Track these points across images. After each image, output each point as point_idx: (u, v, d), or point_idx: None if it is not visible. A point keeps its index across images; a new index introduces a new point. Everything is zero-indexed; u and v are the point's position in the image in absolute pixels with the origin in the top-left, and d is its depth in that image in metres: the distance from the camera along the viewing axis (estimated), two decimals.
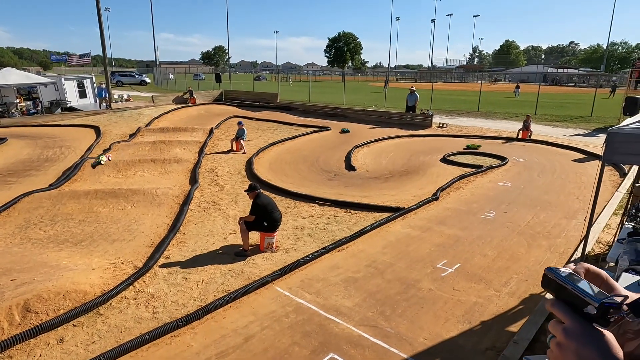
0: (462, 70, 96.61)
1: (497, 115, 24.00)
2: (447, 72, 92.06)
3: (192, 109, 24.69)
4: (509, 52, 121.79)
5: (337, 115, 22.75)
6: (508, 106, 28.95)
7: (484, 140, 16.28)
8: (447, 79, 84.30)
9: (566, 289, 0.72)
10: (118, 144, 14.93)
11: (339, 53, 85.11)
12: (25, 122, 19.91)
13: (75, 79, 26.94)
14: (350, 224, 7.90)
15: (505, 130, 18.50)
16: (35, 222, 8.08)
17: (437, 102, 28.26)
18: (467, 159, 13.11)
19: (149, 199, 9.07)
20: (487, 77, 79.50)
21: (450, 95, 38.32)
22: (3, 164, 12.69)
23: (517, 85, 42.40)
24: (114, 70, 62.79)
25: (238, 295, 5.34)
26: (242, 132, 14.68)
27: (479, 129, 18.95)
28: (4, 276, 5.61)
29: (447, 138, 16.89)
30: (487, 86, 57.68)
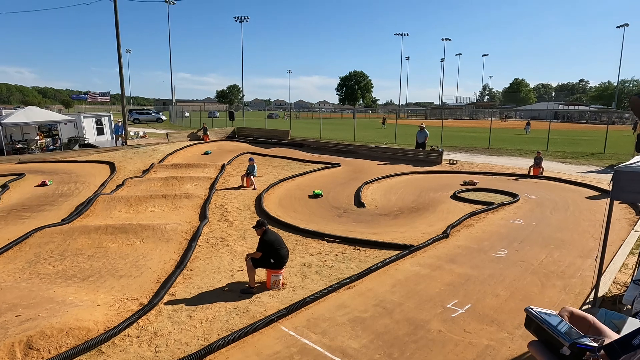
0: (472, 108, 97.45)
1: (508, 151, 23.95)
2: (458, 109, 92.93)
3: (205, 146, 25.16)
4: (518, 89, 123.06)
5: (348, 152, 22.94)
6: (519, 143, 28.93)
7: (494, 177, 16.18)
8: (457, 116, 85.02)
9: (544, 329, 0.71)
10: (131, 179, 15.19)
11: (350, 91, 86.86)
12: (44, 158, 20.47)
13: (93, 117, 27.83)
14: (358, 262, 7.79)
15: (516, 166, 18.40)
16: (45, 257, 8.13)
17: (447, 138, 28.39)
18: (478, 195, 12.98)
19: (157, 235, 9.11)
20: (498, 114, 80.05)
21: (460, 132, 38.52)
22: (18, 199, 12.96)
23: (527, 122, 42.52)
24: (132, 108, 64.86)
25: (242, 335, 5.22)
26: (253, 169, 14.85)
27: (489, 165, 18.88)
28: (10, 312, 5.60)
29: (458, 175, 16.83)
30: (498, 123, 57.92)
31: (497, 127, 36.00)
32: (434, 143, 23.29)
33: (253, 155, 19.79)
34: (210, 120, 45.21)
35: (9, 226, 10.10)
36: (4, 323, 5.21)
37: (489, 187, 14.08)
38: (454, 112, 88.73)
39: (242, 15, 75.35)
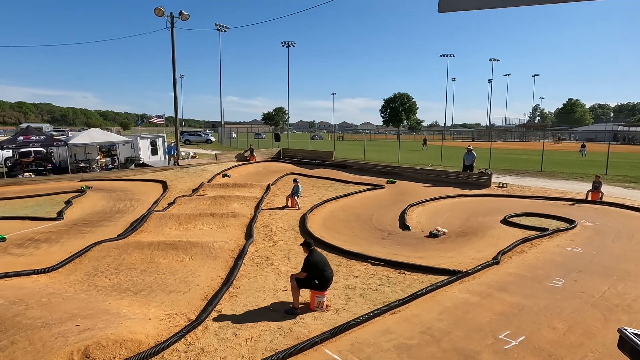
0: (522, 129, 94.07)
1: (562, 175, 22.79)
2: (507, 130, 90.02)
3: (251, 166, 25.86)
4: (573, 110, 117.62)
5: (392, 174, 22.73)
6: (574, 166, 27.47)
7: (548, 201, 15.39)
8: (506, 137, 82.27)
9: None
10: (182, 198, 15.84)
11: (394, 113, 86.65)
12: (103, 176, 21.84)
13: (148, 138, 29.47)
14: (403, 286, 7.61)
15: (572, 191, 17.44)
16: (102, 270, 8.59)
17: (496, 161, 27.49)
18: (530, 221, 12.39)
19: (206, 252, 9.38)
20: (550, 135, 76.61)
21: (510, 154, 37.18)
22: (81, 215, 13.85)
23: (582, 144, 40.37)
24: (184, 129, 68.11)
25: (286, 356, 5.21)
26: (297, 189, 15.04)
27: (542, 189, 18.02)
28: (70, 321, 5.92)
29: (508, 198, 16.18)
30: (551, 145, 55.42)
31: (550, 149, 34.43)
32: (482, 165, 22.59)
33: (297, 176, 20.11)
34: (256, 141, 46.58)
35: (71, 240, 10.79)
36: (65, 332, 5.51)
37: (542, 212, 13.40)
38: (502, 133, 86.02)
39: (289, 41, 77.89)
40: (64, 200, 15.85)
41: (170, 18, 25.26)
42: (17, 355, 5.01)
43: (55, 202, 15.93)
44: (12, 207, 15.22)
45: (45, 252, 9.84)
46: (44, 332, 5.48)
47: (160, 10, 24.66)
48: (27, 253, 9.82)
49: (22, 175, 21.79)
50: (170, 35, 25.68)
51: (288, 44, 78.87)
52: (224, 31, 68.51)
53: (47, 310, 6.38)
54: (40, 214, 13.80)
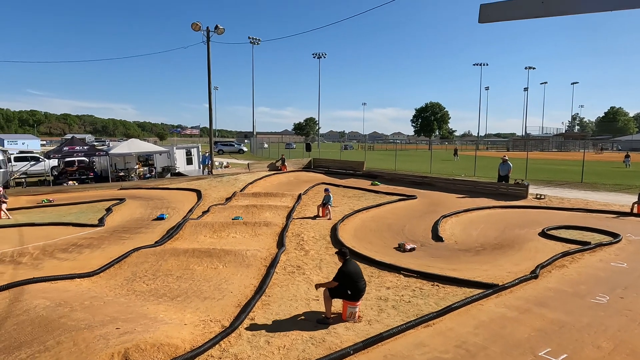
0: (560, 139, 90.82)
1: (605, 186, 21.79)
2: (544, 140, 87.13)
3: (282, 176, 26.14)
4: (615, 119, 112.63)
5: (424, 184, 22.43)
6: (618, 177, 26.22)
7: (590, 214, 14.74)
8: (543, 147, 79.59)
9: None
10: (216, 206, 16.20)
11: (426, 122, 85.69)
12: (141, 185, 22.64)
13: (184, 148, 30.37)
14: (437, 299, 7.47)
15: (616, 203, 16.64)
16: (140, 275, 8.88)
17: (532, 171, 26.63)
18: (571, 234, 11.90)
19: (239, 260, 9.54)
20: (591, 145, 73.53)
21: (547, 165, 35.94)
22: (119, 222, 14.40)
23: (626, 155, 38.54)
24: (217, 140, 69.77)
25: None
26: (329, 199, 15.08)
27: (583, 201, 17.29)
28: (111, 324, 6.15)
29: (546, 210, 15.62)
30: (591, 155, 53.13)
31: (590, 159, 33.02)
32: (518, 176, 21.96)
33: (328, 186, 20.15)
34: (287, 151, 47.08)
35: (111, 246, 11.23)
36: (106, 334, 5.73)
37: (583, 224, 12.84)
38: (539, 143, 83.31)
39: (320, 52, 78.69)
40: (105, 207, 16.54)
41: (207, 32, 26.11)
42: (62, 355, 5.24)
43: (97, 209, 16.64)
44: (58, 213, 16.01)
45: (88, 257, 10.28)
46: (87, 334, 5.72)
47: (197, 25, 25.55)
48: (71, 258, 10.29)
49: (67, 183, 22.91)
50: (206, 49, 26.53)
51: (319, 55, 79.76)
52: (257, 44, 70.12)
53: (89, 312, 6.65)
54: (83, 220, 14.45)
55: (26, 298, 7.37)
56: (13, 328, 6.24)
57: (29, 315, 6.61)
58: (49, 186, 21.93)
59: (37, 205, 17.19)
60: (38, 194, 19.59)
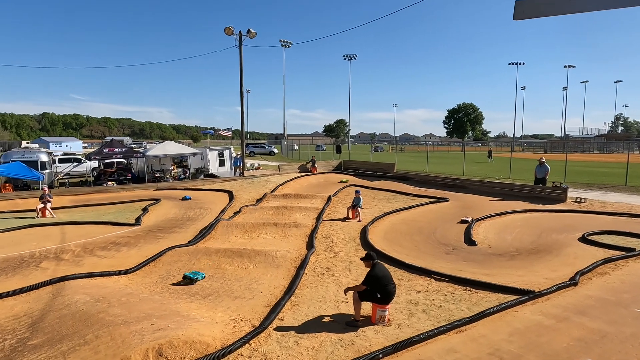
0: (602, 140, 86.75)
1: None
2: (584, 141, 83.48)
3: (312, 177, 26.25)
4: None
5: (456, 187, 21.95)
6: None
7: (634, 219, 13.99)
8: (583, 149, 76.28)
9: None
10: (247, 207, 16.45)
11: (459, 124, 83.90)
12: (175, 186, 23.29)
13: (217, 150, 31.02)
14: (469, 304, 7.28)
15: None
16: (174, 273, 9.13)
17: (572, 174, 25.57)
18: (613, 239, 11.34)
19: (269, 260, 9.64)
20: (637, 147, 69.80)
21: (588, 167, 34.41)
22: (155, 221, 14.86)
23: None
24: (248, 142, 70.89)
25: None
26: (359, 201, 15.01)
27: (627, 205, 16.44)
28: (146, 320, 6.35)
29: (587, 215, 14.94)
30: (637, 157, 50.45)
31: (635, 161, 31.31)
32: (556, 179, 21.13)
33: (359, 188, 20.06)
34: (317, 153, 47.24)
35: (147, 244, 11.60)
36: (141, 330, 5.92)
37: (627, 230, 12.21)
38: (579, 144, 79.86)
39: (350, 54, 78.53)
40: (141, 207, 17.12)
41: (239, 36, 26.60)
42: (100, 349, 5.46)
43: (134, 209, 17.24)
44: (97, 212, 16.71)
45: (125, 255, 10.66)
46: (124, 329, 5.93)
47: (230, 29, 26.07)
48: (110, 255, 10.71)
49: (106, 184, 23.86)
50: (238, 53, 27.01)
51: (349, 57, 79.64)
52: (288, 47, 70.75)
53: (126, 309, 6.89)
54: (120, 219, 15.00)
55: (68, 293, 7.73)
56: (56, 321, 6.56)
57: (70, 309, 6.92)
58: (90, 186, 22.91)
59: (78, 205, 17.99)
60: (80, 194, 20.50)
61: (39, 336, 6.14)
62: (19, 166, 20.66)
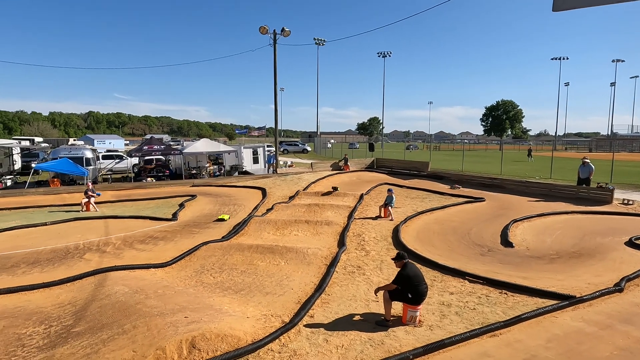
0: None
1: None
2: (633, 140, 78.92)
3: (345, 175, 26.18)
4: None
5: (493, 186, 21.30)
6: None
7: None
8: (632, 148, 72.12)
9: None
10: (279, 204, 16.62)
11: (497, 121, 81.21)
12: (211, 182, 23.84)
13: (251, 148, 31.50)
14: (505, 307, 7.05)
15: None
16: (208, 268, 9.36)
17: (619, 174, 24.25)
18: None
19: (300, 258, 9.70)
20: None
21: (637, 167, 32.50)
22: (191, 217, 15.28)
23: None
24: (282, 139, 71.57)
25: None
26: (391, 199, 14.84)
27: None
28: (180, 313, 6.55)
29: (635, 218, 14.12)
30: None
31: None
32: (601, 179, 20.09)
33: (391, 186, 19.84)
34: (350, 151, 47.09)
35: (183, 239, 11.95)
36: (176, 322, 6.11)
37: None
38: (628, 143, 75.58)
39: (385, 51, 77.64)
40: (178, 203, 17.64)
41: (273, 35, 26.87)
42: (137, 338, 5.67)
43: (171, 204, 17.80)
44: (137, 207, 17.37)
45: (162, 249, 11.02)
46: (159, 320, 6.13)
47: (264, 28, 26.38)
48: (148, 249, 11.10)
49: (146, 179, 24.75)
50: (272, 51, 27.30)
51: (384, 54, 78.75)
52: (322, 44, 70.83)
53: (162, 301, 7.13)
54: (158, 214, 15.52)
55: (108, 284, 8.08)
56: (97, 310, 6.87)
57: (110, 299, 7.23)
58: (131, 182, 23.84)
59: (120, 200, 18.76)
60: (121, 190, 21.38)
61: (82, 324, 6.46)
62: (66, 162, 21.77)
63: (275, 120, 29.31)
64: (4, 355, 5.73)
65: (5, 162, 25.17)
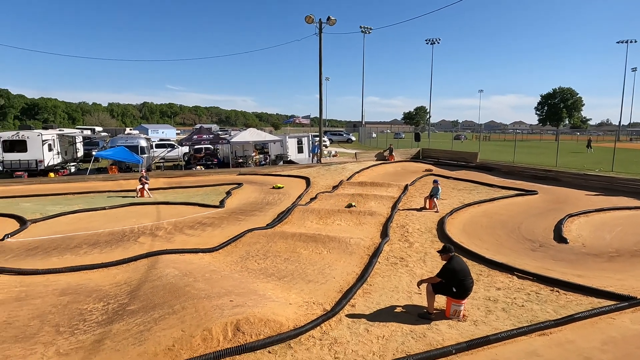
0: None
1: None
2: None
3: (389, 166, 25.85)
4: None
5: (547, 179, 20.23)
6: None
7: None
8: None
9: None
10: (323, 194, 16.71)
11: (554, 110, 76.70)
12: (257, 171, 24.37)
13: (296, 137, 31.78)
14: (556, 306, 6.72)
15: None
16: (252, 254, 9.62)
17: None
18: None
19: (342, 247, 9.73)
20: None
21: None
22: (237, 204, 15.72)
23: None
24: (326, 129, 71.61)
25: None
26: (437, 191, 14.49)
27: None
28: (226, 296, 6.78)
29: None
30: None
31: None
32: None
33: (437, 177, 19.36)
34: (395, 141, 46.33)
35: (230, 226, 12.33)
36: (221, 305, 6.34)
37: None
38: None
39: (434, 38, 75.25)
40: (225, 190, 18.20)
41: (319, 24, 26.78)
42: (186, 319, 5.95)
43: (218, 192, 18.39)
44: (187, 194, 18.10)
45: (209, 235, 11.44)
46: (206, 303, 6.39)
47: (310, 17, 26.34)
48: (196, 234, 11.57)
49: (195, 168, 25.71)
50: (318, 41, 27.25)
51: (432, 41, 76.34)
52: (368, 33, 69.71)
53: (209, 284, 7.42)
54: (207, 201, 16.10)
55: (160, 266, 8.51)
56: (150, 291, 7.27)
57: (162, 281, 7.62)
58: (181, 170, 24.86)
59: (171, 187, 19.64)
60: (173, 177, 22.35)
61: (136, 303, 6.86)
62: (122, 150, 23.03)
63: (320, 110, 29.36)
64: (68, 327, 6.21)
65: (70, 150, 27.00)
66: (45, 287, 7.78)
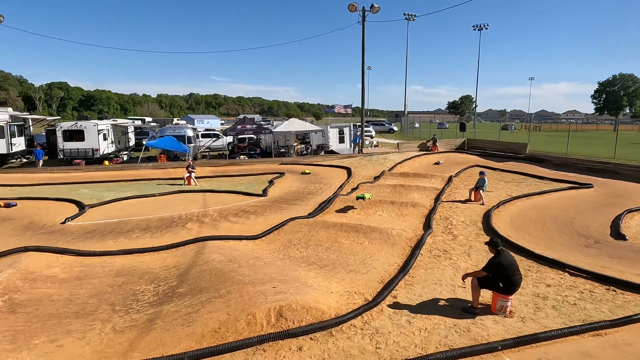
0: None
1: None
2: None
3: (433, 156, 25.27)
4: None
5: (604, 171, 19.03)
6: None
7: None
8: None
9: None
10: (364, 184, 16.62)
11: (613, 98, 71.84)
12: (298, 161, 24.59)
13: (337, 127, 31.72)
14: (612, 306, 6.36)
15: None
16: (294, 243, 9.76)
17: None
18: None
19: (384, 238, 9.67)
20: None
21: None
22: (279, 193, 15.97)
23: None
24: (368, 119, 70.89)
25: (461, 355, 5.00)
26: (483, 182, 14.03)
27: None
28: (269, 283, 6.94)
29: None
30: None
31: None
32: None
33: (484, 169, 18.73)
34: (439, 131, 45.15)
35: (272, 214, 12.57)
36: (265, 291, 6.50)
37: None
38: None
39: (481, 23, 72.22)
40: (268, 180, 18.53)
41: (362, 12, 26.41)
42: (231, 303, 6.15)
43: (261, 181, 18.75)
44: (231, 183, 18.60)
45: (253, 223, 11.72)
46: (250, 288, 6.57)
47: (353, 5, 26.04)
48: (240, 222, 11.88)
49: (239, 157, 26.32)
50: (361, 29, 26.91)
51: (480, 27, 73.28)
52: (412, 20, 67.93)
53: (252, 270, 7.62)
54: (250, 190, 16.47)
55: (207, 252, 8.83)
56: (197, 275, 7.57)
57: (208, 266, 7.91)
58: (226, 159, 25.53)
59: (216, 175, 20.24)
60: (218, 166, 23.02)
61: (184, 286, 7.18)
62: (170, 140, 23.95)
63: (362, 99, 29.10)
64: (123, 306, 6.61)
65: (122, 140, 28.44)
66: (102, 267, 8.30)
